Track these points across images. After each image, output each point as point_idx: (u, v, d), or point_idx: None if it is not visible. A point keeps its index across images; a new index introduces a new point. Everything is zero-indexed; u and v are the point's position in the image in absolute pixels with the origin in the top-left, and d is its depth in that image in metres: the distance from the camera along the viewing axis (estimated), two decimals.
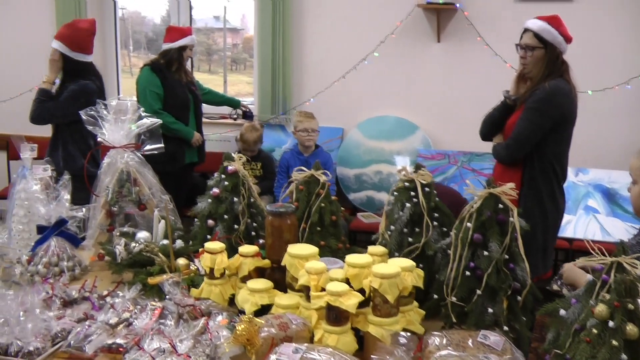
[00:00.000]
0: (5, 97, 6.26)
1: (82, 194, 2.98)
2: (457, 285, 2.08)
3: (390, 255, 2.33)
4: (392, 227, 2.37)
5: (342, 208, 2.68)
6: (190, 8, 6.30)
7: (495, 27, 5.22)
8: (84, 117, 2.87)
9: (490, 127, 3.69)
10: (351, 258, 2.14)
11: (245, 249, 2.38)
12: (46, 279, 2.59)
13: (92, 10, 6.26)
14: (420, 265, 2.27)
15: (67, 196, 2.75)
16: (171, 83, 4.91)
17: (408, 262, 2.15)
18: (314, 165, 2.64)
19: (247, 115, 5.71)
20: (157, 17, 6.85)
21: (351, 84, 5.56)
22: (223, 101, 5.67)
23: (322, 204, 2.56)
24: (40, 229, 2.75)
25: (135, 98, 5.01)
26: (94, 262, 2.86)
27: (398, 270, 2.02)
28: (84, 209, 2.80)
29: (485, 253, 2.04)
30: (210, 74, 6.93)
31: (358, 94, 5.62)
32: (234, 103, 5.70)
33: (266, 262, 2.40)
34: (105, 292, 2.47)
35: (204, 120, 5.40)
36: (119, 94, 6.61)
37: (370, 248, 2.33)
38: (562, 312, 1.75)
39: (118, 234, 2.88)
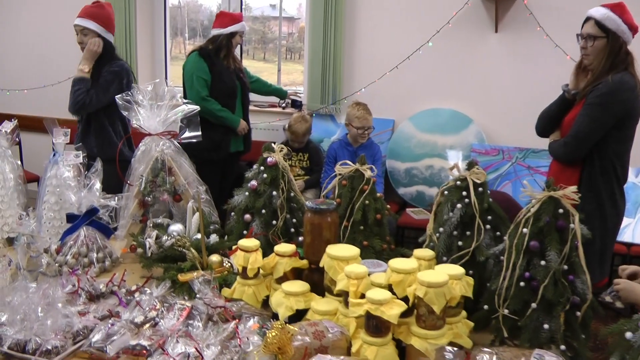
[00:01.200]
0: (54, 82, 6.25)
1: (115, 182, 2.86)
2: (510, 297, 1.90)
3: (438, 259, 2.14)
4: (441, 229, 2.18)
5: (387, 206, 2.49)
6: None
7: (556, 16, 4.93)
8: (119, 102, 2.74)
9: (547, 123, 3.46)
10: (395, 263, 1.96)
11: (282, 247, 2.21)
12: (74, 270, 2.46)
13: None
14: (470, 272, 2.07)
15: (99, 184, 2.63)
16: (219, 69, 4.77)
17: (457, 269, 1.95)
18: (359, 159, 2.45)
19: (297, 104, 5.55)
20: (214, 5, 6.76)
21: (404, 75, 5.35)
22: (270, 91, 5.52)
23: (367, 201, 2.38)
24: (70, 218, 2.63)
25: (181, 84, 4.90)
26: (125, 254, 2.74)
27: (446, 279, 1.83)
28: (116, 198, 2.68)
29: (543, 262, 1.85)
30: (265, 62, 6.88)
31: (411, 85, 5.40)
32: (281, 93, 5.55)
33: (304, 263, 2.23)
34: (133, 287, 2.35)
35: (251, 108, 5.27)
36: (166, 78, 6.57)
37: (417, 251, 2.14)
38: (629, 334, 1.55)
39: (151, 225, 2.75)
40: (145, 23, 6.35)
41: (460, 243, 2.14)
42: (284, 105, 5.68)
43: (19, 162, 3.01)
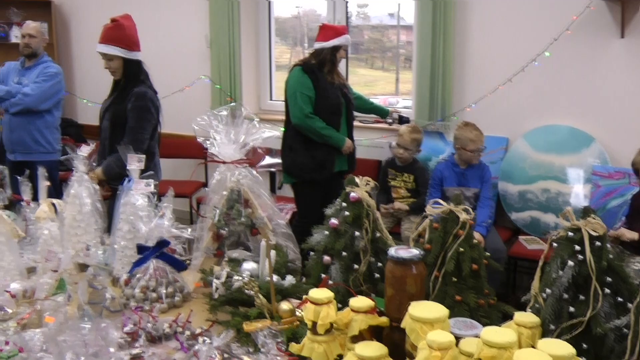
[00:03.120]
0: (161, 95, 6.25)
1: None
2: None
3: (544, 327, 1.79)
4: (548, 290, 1.83)
5: (487, 253, 2.15)
6: (347, 6, 5.93)
7: None
8: (195, 127, 2.55)
9: None
10: (488, 333, 1.63)
11: (358, 302, 1.92)
12: (137, 307, 2.30)
13: (245, 9, 6.09)
14: (584, 346, 1.72)
15: (170, 215, 2.45)
16: (323, 85, 4.55)
17: (566, 349, 1.60)
18: (454, 198, 2.13)
19: (404, 120, 5.24)
20: (338, 13, 6.64)
21: (518, 88, 4.92)
22: (371, 109, 5.24)
23: (461, 249, 2.06)
24: (140, 249, 2.48)
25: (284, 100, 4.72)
26: (198, 288, 2.55)
27: None
28: (189, 229, 2.50)
29: None
30: (384, 71, 6.67)
31: (526, 100, 4.96)
32: (382, 112, 5.24)
33: (383, 321, 1.93)
34: (198, 330, 2.15)
35: (355, 123, 5.00)
36: (271, 92, 6.44)
37: (518, 315, 1.80)
38: None
39: (226, 259, 2.54)
40: (249, 31, 6.24)
41: (571, 309, 1.79)
42: (390, 121, 5.39)
43: (97, 187, 2.89)
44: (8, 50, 6.97)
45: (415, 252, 1.92)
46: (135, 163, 2.58)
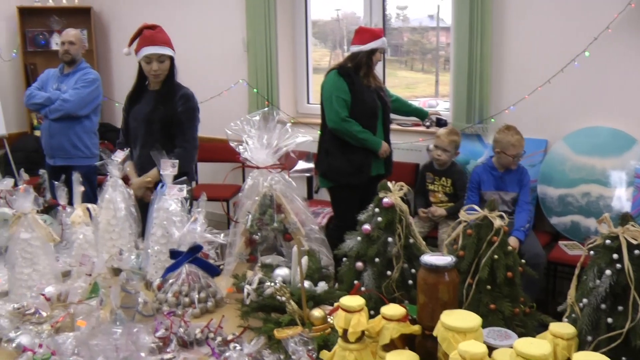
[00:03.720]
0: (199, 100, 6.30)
1: None
2: None
3: (581, 338, 1.73)
4: (585, 300, 1.77)
5: (522, 261, 2.10)
6: (384, 8, 5.89)
7: None
8: (228, 132, 2.55)
9: None
10: (523, 344, 1.58)
11: (390, 309, 1.88)
12: (169, 312, 2.29)
13: (282, 12, 6.10)
14: (622, 359, 1.66)
15: (203, 219, 2.45)
16: (359, 88, 4.52)
17: None
18: (488, 204, 2.09)
19: (441, 122, 5.18)
20: (373, 16, 6.62)
21: (557, 90, 4.82)
22: (410, 111, 5.19)
23: (495, 256, 2.01)
24: (173, 254, 2.48)
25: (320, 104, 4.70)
26: (231, 293, 2.54)
27: None
28: (222, 235, 2.49)
29: None
30: (424, 73, 6.66)
31: (565, 101, 4.85)
32: (421, 114, 5.19)
33: (415, 329, 1.89)
34: (230, 337, 2.14)
35: (392, 127, 4.98)
36: (308, 95, 6.44)
37: (554, 326, 1.75)
38: None
39: (259, 265, 2.52)
40: (286, 34, 6.25)
41: (609, 320, 1.73)
42: (428, 124, 5.33)
43: (131, 191, 2.91)
44: (49, 57, 7.10)
45: (448, 259, 1.88)
46: (168, 168, 2.58)
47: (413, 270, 2.25)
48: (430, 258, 1.89)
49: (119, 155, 2.85)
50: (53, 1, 7.35)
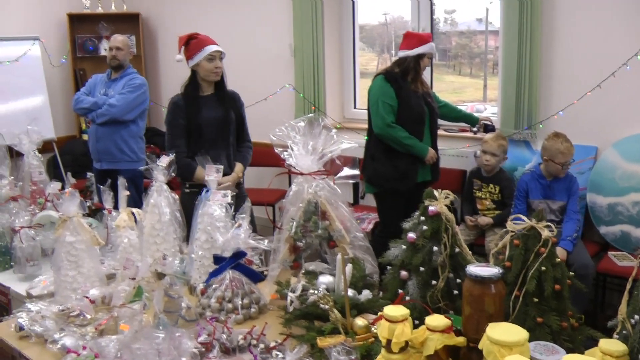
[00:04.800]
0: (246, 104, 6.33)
1: None
2: None
3: (632, 356, 1.68)
4: (637, 316, 1.71)
5: (570, 273, 2.05)
6: (432, 12, 5.84)
7: None
8: (273, 137, 2.54)
9: None
10: None
11: (434, 320, 1.85)
12: (212, 318, 2.29)
13: (329, 17, 6.08)
14: None
15: (247, 225, 2.45)
16: (406, 94, 4.48)
17: None
18: (536, 214, 2.04)
19: (489, 128, 5.10)
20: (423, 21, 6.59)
21: (608, 94, 4.69)
22: (459, 117, 5.11)
23: (543, 268, 1.96)
24: (217, 260, 2.48)
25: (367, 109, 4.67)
26: (274, 300, 2.53)
27: None
28: (266, 241, 2.48)
29: None
30: (472, 77, 6.59)
31: (616, 107, 4.72)
32: (471, 119, 5.11)
33: (460, 341, 1.86)
34: (272, 344, 2.13)
35: (440, 132, 4.91)
36: (355, 100, 6.40)
37: (604, 343, 1.69)
38: None
39: (303, 272, 2.51)
40: (333, 39, 6.23)
41: None
42: (475, 130, 5.26)
43: (176, 196, 2.92)
44: (97, 62, 7.22)
45: (494, 270, 1.84)
46: (213, 174, 2.58)
47: (458, 280, 2.21)
48: (476, 269, 1.85)
49: (164, 160, 2.86)
50: (102, 8, 7.47)
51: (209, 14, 6.90)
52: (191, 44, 3.94)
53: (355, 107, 6.38)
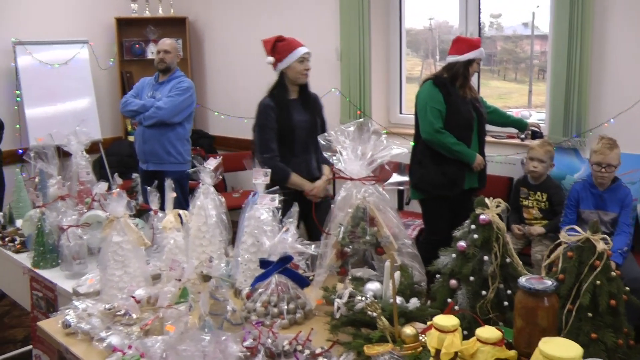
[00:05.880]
0: None
1: None
2: None
3: None
4: None
5: (627, 288, 1.98)
6: (479, 17, 5.77)
7: None
8: (322, 142, 2.52)
9: None
10: None
11: (485, 332, 1.81)
12: (258, 322, 2.28)
13: (376, 21, 6.06)
14: None
15: (294, 230, 2.43)
16: (455, 99, 4.43)
17: None
18: (591, 225, 1.98)
19: (537, 135, 5.02)
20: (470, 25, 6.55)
21: None
22: (508, 122, 5.03)
23: (597, 281, 1.90)
24: (263, 264, 2.47)
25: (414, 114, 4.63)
26: (320, 306, 2.51)
27: None
28: (313, 246, 2.47)
29: None
30: (516, 82, 6.52)
31: None
32: (521, 125, 5.02)
33: (511, 355, 1.81)
34: (318, 350, 2.11)
35: (487, 139, 4.84)
36: (401, 105, 6.36)
37: None
38: None
39: (350, 278, 2.48)
40: (380, 44, 6.20)
41: None
42: (523, 136, 5.19)
43: (222, 199, 2.92)
44: (144, 65, 7.31)
45: (548, 282, 1.80)
46: (261, 177, 2.58)
47: (509, 292, 2.16)
48: (529, 281, 1.81)
49: (212, 163, 2.87)
50: (149, 12, 7.56)
51: (256, 17, 6.94)
52: (279, 46, 3.96)
53: (401, 112, 6.33)
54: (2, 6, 6.73)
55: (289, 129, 3.93)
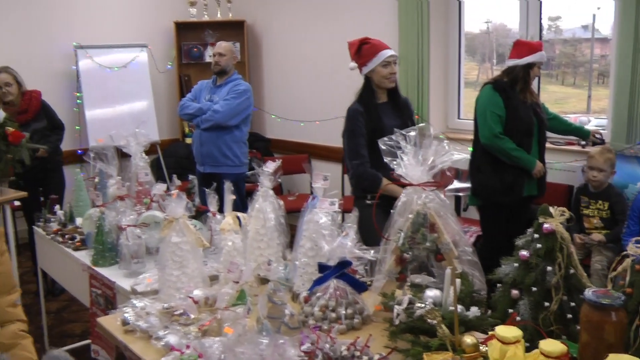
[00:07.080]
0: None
1: None
2: None
3: None
4: None
5: None
6: (540, 19, 5.67)
7: None
8: (382, 147, 2.50)
9: None
10: None
11: (549, 345, 1.76)
12: (316, 326, 2.27)
13: (435, 25, 6.01)
14: None
15: (354, 235, 2.42)
16: (515, 104, 4.37)
17: None
18: None
19: (598, 143, 4.91)
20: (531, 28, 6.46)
21: None
22: (570, 130, 4.93)
23: None
24: (322, 268, 2.46)
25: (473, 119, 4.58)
26: (378, 311, 2.49)
27: None
28: (372, 251, 2.44)
29: None
30: (575, 87, 6.40)
31: None
32: (583, 133, 4.91)
33: None
34: (376, 357, 2.08)
35: (547, 145, 4.76)
36: (459, 110, 6.30)
37: None
38: None
39: (409, 284, 2.46)
40: (439, 48, 6.16)
41: None
42: (583, 143, 5.07)
43: (281, 202, 2.93)
44: (202, 69, 7.41)
45: (615, 296, 1.75)
46: (320, 181, 2.57)
47: (573, 304, 2.10)
48: (595, 294, 1.76)
49: (271, 166, 2.87)
50: (208, 16, 7.65)
51: (314, 21, 6.94)
52: (363, 49, 3.87)
53: (459, 117, 6.27)
54: (64, 12, 6.91)
55: (379, 134, 3.86)
